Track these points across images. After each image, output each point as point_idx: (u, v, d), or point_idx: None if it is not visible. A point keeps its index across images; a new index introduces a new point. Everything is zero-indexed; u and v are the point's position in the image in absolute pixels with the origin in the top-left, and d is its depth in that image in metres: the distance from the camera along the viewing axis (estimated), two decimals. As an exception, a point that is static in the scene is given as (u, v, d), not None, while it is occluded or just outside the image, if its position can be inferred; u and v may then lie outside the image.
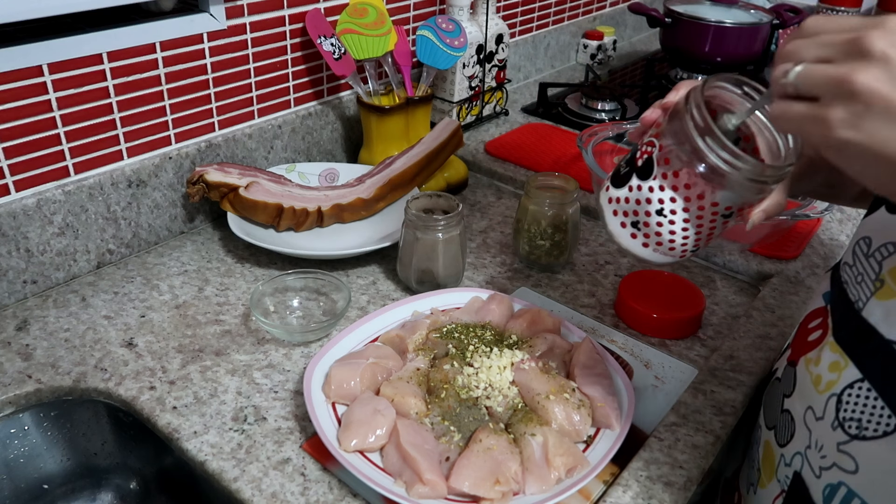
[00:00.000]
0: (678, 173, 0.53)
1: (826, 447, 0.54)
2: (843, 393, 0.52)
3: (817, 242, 0.99)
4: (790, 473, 0.59)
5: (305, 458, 0.65)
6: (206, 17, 0.91)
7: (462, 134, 1.06)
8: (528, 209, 0.89)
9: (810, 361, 0.57)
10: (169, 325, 0.81)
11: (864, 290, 0.52)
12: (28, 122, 0.79)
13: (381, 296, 0.87)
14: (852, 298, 0.53)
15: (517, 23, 1.47)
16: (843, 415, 0.52)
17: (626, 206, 0.56)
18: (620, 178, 0.58)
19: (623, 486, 0.62)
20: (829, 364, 0.54)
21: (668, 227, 0.55)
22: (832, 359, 0.54)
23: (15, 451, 0.73)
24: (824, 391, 0.54)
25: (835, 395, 0.53)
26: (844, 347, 0.53)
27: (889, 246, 0.51)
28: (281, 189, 0.95)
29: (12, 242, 0.81)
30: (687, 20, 1.48)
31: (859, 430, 0.51)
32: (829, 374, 0.54)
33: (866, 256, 0.53)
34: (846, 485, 0.53)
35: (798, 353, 0.60)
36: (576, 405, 0.66)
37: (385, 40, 1.06)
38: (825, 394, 0.54)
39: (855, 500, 0.52)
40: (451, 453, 0.62)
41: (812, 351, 0.57)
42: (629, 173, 0.57)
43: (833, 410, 0.53)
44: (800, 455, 0.58)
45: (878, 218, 0.54)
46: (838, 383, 0.53)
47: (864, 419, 0.50)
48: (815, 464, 0.56)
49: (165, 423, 0.68)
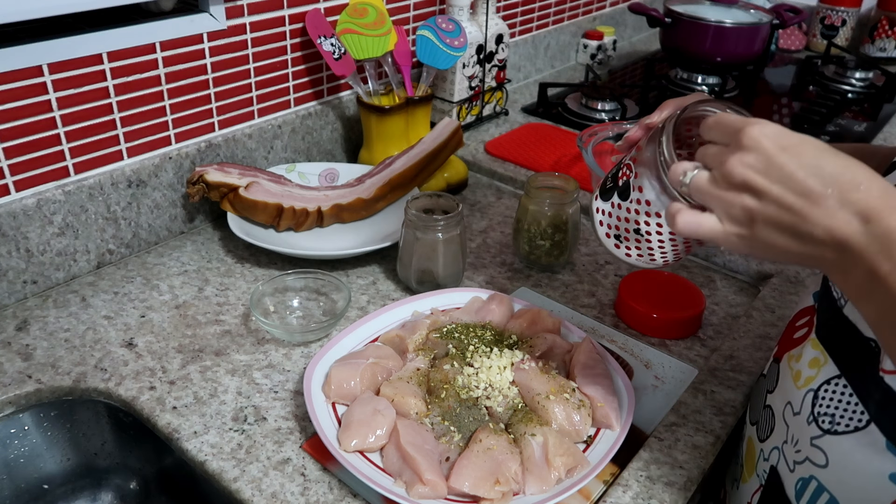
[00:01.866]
0: (650, 202, 0.55)
1: (800, 441, 0.55)
2: (820, 388, 0.53)
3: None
4: (768, 468, 0.60)
5: (305, 458, 0.65)
6: (206, 17, 0.91)
7: (462, 134, 1.06)
8: (528, 209, 0.89)
9: (792, 358, 0.58)
10: (169, 325, 0.81)
11: None
12: (28, 122, 0.79)
13: (381, 296, 0.87)
14: (835, 296, 0.54)
15: (517, 23, 1.47)
16: (818, 410, 0.53)
17: (609, 219, 0.60)
18: (606, 191, 0.60)
19: (623, 486, 0.62)
20: (810, 360, 0.55)
21: (647, 244, 0.58)
22: (813, 355, 0.55)
23: (15, 451, 0.73)
24: (803, 386, 0.55)
25: (812, 390, 0.54)
26: (825, 344, 0.54)
27: None
28: (281, 189, 0.95)
29: (12, 242, 0.81)
30: (687, 20, 1.48)
31: (832, 424, 0.51)
32: (809, 370, 0.55)
33: None
34: (816, 479, 0.53)
35: (783, 349, 0.61)
36: (576, 405, 0.66)
37: (385, 40, 1.06)
38: (803, 389, 0.55)
39: (824, 494, 0.53)
40: (451, 453, 0.62)
41: (796, 348, 0.58)
42: (612, 189, 0.59)
43: (809, 405, 0.54)
44: (777, 450, 0.58)
45: None
46: (816, 379, 0.54)
47: (837, 414, 0.51)
48: (790, 458, 0.56)
49: (165, 423, 0.68)
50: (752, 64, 1.56)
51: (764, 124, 0.43)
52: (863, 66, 1.59)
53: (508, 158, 1.18)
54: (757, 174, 0.42)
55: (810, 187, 0.41)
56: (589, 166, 0.90)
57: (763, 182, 0.42)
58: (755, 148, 0.43)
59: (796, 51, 1.85)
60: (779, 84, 1.63)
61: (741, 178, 0.43)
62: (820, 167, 0.41)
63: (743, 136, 0.43)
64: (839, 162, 0.41)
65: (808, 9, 1.80)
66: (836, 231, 0.41)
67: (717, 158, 0.45)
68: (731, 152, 0.44)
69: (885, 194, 0.40)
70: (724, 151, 0.45)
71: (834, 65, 1.64)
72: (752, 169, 0.43)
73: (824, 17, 1.80)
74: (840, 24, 1.79)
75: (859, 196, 0.40)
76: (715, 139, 0.46)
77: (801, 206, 0.42)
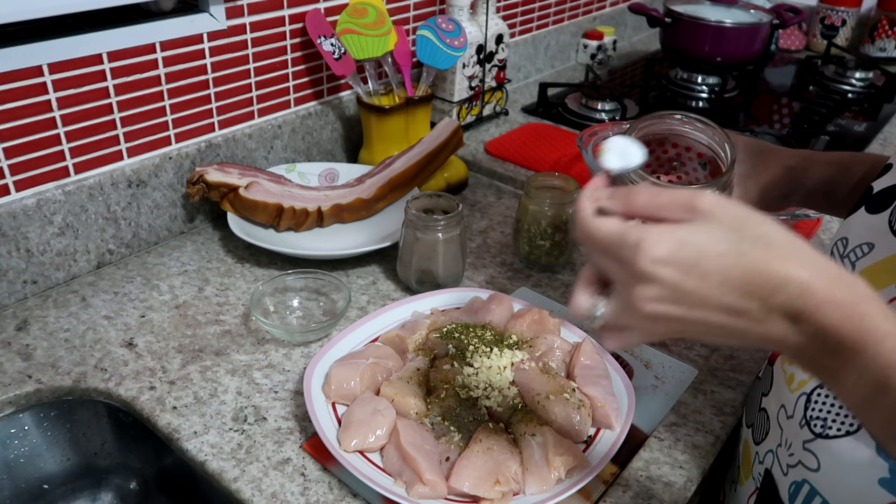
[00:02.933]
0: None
1: (794, 445, 0.55)
2: (812, 392, 0.53)
3: (817, 242, 0.99)
4: (762, 471, 0.60)
5: (305, 458, 0.65)
6: (206, 17, 0.91)
7: (462, 134, 1.06)
8: (528, 209, 0.89)
9: (786, 360, 0.58)
10: (169, 325, 0.81)
11: None
12: (28, 122, 0.79)
13: (381, 296, 0.87)
14: None
15: (517, 23, 1.47)
16: (810, 413, 0.53)
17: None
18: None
19: (623, 486, 0.62)
20: None
21: None
22: None
23: (15, 451, 0.73)
24: (796, 390, 0.55)
25: (805, 394, 0.54)
26: None
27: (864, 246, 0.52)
28: (281, 189, 0.95)
29: (12, 242, 0.81)
30: (687, 20, 1.48)
31: (824, 428, 0.52)
32: (802, 373, 0.55)
33: (842, 256, 0.54)
34: (809, 482, 0.54)
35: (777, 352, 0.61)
36: (576, 405, 0.66)
37: (385, 40, 1.06)
38: (796, 392, 0.55)
39: (816, 497, 0.53)
40: (451, 453, 0.62)
41: None
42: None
43: (802, 409, 0.54)
44: (771, 453, 0.59)
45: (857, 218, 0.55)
46: (809, 382, 0.54)
47: (829, 418, 0.51)
48: (783, 461, 0.56)
49: (165, 423, 0.68)
50: (752, 64, 1.56)
51: (652, 244, 0.39)
52: (863, 66, 1.59)
53: (508, 158, 1.18)
54: (669, 305, 0.40)
55: (729, 304, 0.38)
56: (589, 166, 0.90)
57: (679, 311, 0.40)
58: (655, 279, 0.39)
59: (796, 51, 1.85)
60: (779, 84, 1.63)
61: (653, 313, 0.40)
62: (729, 281, 0.38)
63: (636, 266, 0.39)
64: (746, 264, 0.38)
65: (808, 9, 1.80)
66: (770, 335, 0.39)
67: (621, 287, 0.42)
68: (632, 284, 0.40)
69: (806, 291, 0.37)
70: (625, 281, 0.41)
71: (834, 65, 1.64)
72: (662, 302, 0.40)
73: (824, 17, 1.80)
74: (840, 24, 1.79)
75: (781, 300, 0.38)
76: (607, 263, 0.42)
77: (727, 321, 0.39)
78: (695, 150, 0.69)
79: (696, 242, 0.39)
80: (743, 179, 0.68)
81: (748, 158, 0.69)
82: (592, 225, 0.42)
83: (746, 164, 0.69)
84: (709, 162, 0.69)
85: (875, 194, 0.54)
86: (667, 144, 0.70)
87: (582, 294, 0.44)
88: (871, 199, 0.54)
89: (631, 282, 0.40)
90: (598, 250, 0.42)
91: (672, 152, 0.71)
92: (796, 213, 0.83)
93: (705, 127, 0.64)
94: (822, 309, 0.37)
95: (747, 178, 0.68)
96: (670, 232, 0.39)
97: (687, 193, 0.40)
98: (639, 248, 0.39)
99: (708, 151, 0.66)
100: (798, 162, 0.68)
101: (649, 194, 0.41)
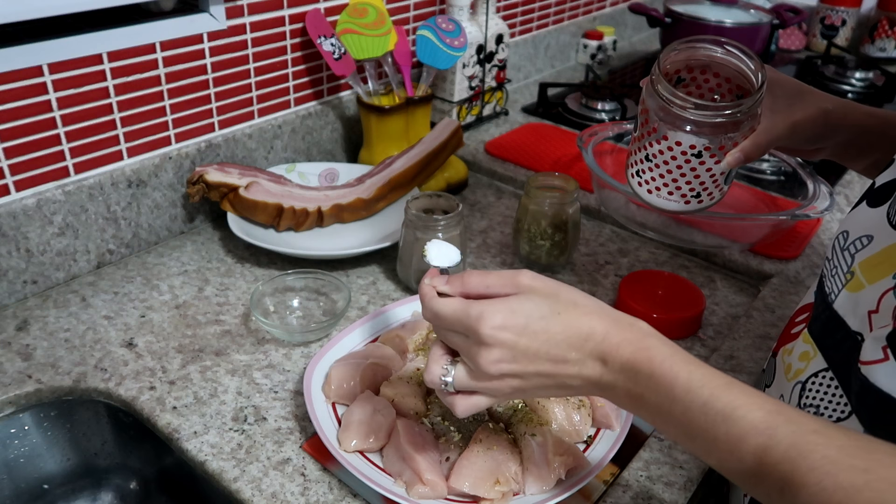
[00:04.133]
0: (647, 121, 0.67)
1: None
2: (808, 381, 0.54)
3: (817, 242, 0.99)
4: None
5: (305, 459, 0.65)
6: (206, 17, 0.91)
7: (462, 134, 1.06)
8: (528, 209, 0.89)
9: (786, 352, 0.59)
10: (169, 325, 0.81)
11: (836, 282, 0.54)
12: (28, 122, 0.79)
13: (381, 296, 0.87)
14: (827, 291, 0.54)
15: (517, 23, 1.47)
16: (804, 401, 0.54)
17: (630, 158, 0.71)
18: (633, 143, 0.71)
19: (623, 486, 0.62)
20: (800, 354, 0.56)
21: (657, 170, 0.67)
22: (803, 349, 0.56)
23: (15, 451, 0.73)
24: (792, 379, 0.56)
25: (800, 382, 0.55)
26: (815, 338, 0.55)
27: (863, 238, 0.52)
28: (281, 189, 0.95)
29: (12, 242, 0.81)
30: (687, 20, 1.48)
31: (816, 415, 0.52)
32: (799, 363, 0.56)
33: (842, 249, 0.55)
34: None
35: (780, 344, 0.62)
36: (576, 405, 0.66)
37: (385, 40, 1.06)
38: (793, 381, 0.56)
39: None
40: (451, 453, 0.62)
41: (791, 342, 0.59)
42: (634, 129, 0.71)
43: (797, 397, 0.55)
44: None
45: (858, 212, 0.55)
46: (805, 372, 0.55)
47: (822, 405, 0.53)
48: None
49: (165, 423, 0.68)
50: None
51: (491, 314, 0.48)
52: (863, 67, 1.59)
53: (508, 158, 1.18)
54: (511, 364, 0.48)
55: (554, 355, 0.48)
56: (589, 166, 0.90)
57: (518, 368, 0.49)
58: (497, 343, 0.48)
59: (796, 51, 1.85)
60: (779, 84, 1.63)
61: (498, 372, 0.49)
62: (552, 337, 0.48)
63: (479, 335, 0.48)
64: (562, 321, 0.48)
65: (808, 9, 1.80)
66: (587, 377, 0.49)
67: (468, 356, 0.50)
68: (477, 350, 0.49)
69: (606, 336, 0.48)
70: (471, 349, 0.49)
71: (834, 65, 1.64)
72: (504, 362, 0.48)
73: (824, 17, 1.80)
74: (840, 24, 1.79)
75: (591, 346, 0.48)
76: (453, 337, 0.51)
77: (556, 369, 0.49)
78: (723, 74, 0.68)
79: (523, 310, 0.49)
80: (773, 113, 0.66)
81: (784, 95, 0.67)
82: (438, 305, 0.51)
83: (782, 100, 0.66)
84: (737, 87, 0.68)
85: (876, 189, 0.54)
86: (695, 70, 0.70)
87: (434, 365, 0.52)
88: (872, 194, 0.54)
89: (476, 348, 0.49)
90: (444, 327, 0.51)
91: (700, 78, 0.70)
92: (796, 214, 0.83)
93: (739, 53, 0.65)
94: (620, 348, 0.47)
95: (777, 113, 0.66)
96: (502, 304, 0.49)
97: (509, 273, 0.50)
98: (481, 318, 0.48)
99: (736, 75, 0.66)
100: (837, 107, 0.67)
101: (479, 276, 0.51)
